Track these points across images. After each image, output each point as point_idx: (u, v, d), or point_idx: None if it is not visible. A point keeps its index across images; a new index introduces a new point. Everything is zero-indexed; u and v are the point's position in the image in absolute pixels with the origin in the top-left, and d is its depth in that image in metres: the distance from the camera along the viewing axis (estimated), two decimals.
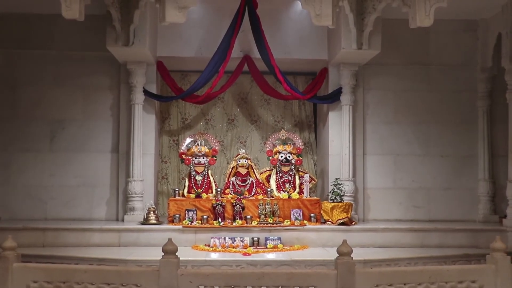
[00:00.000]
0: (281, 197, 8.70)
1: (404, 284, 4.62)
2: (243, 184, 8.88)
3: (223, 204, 8.39)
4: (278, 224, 8.22)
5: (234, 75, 9.30)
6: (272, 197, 8.67)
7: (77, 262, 6.87)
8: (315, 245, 8.09)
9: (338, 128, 9.24)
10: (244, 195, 8.70)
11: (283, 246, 7.89)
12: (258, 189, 8.84)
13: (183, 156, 9.00)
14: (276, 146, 9.13)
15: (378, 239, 8.23)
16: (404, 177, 9.51)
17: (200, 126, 10.14)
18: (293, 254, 7.52)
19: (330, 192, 8.76)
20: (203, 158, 8.91)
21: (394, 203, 9.45)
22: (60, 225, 8.32)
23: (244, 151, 9.34)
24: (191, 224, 8.19)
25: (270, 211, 8.40)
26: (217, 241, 7.84)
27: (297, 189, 8.87)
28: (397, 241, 8.23)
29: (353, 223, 8.55)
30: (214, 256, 7.35)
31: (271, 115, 10.28)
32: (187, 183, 8.88)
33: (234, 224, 8.20)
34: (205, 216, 8.25)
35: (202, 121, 10.21)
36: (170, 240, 4.69)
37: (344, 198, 8.69)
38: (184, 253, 6.14)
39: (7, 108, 9.17)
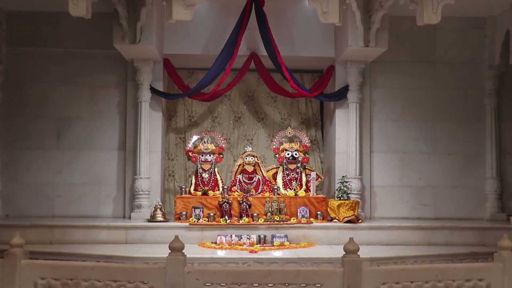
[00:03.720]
0: (287, 194, 8.69)
1: (411, 282, 4.60)
2: (250, 181, 8.87)
3: (230, 201, 8.39)
4: (285, 222, 8.22)
5: (241, 73, 9.29)
6: (279, 194, 8.67)
7: (84, 259, 6.90)
8: (321, 243, 8.09)
9: (344, 125, 9.23)
10: (251, 193, 8.70)
11: (290, 243, 7.90)
12: (265, 187, 8.83)
13: (190, 153, 9.01)
14: (282, 144, 9.11)
15: (384, 237, 8.21)
16: (411, 175, 9.48)
17: (206, 123, 10.15)
18: (299, 251, 7.52)
19: (337, 189, 8.74)
20: (210, 155, 8.91)
21: (401, 201, 9.42)
22: (67, 222, 8.34)
23: (250, 148, 9.34)
24: (197, 221, 8.19)
25: (277, 208, 8.40)
26: (223, 238, 7.85)
27: (304, 187, 8.86)
28: (404, 239, 8.21)
29: (360, 221, 8.53)
30: (220, 253, 7.36)
31: (277, 112, 10.28)
32: (193, 181, 8.89)
33: (240, 221, 8.19)
34: (211, 214, 8.26)
35: (208, 119, 10.21)
36: (176, 237, 4.69)
37: (351, 196, 8.68)
38: (191, 251, 6.15)
39: (14, 106, 9.20)
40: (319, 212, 8.50)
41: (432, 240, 8.19)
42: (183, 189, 8.79)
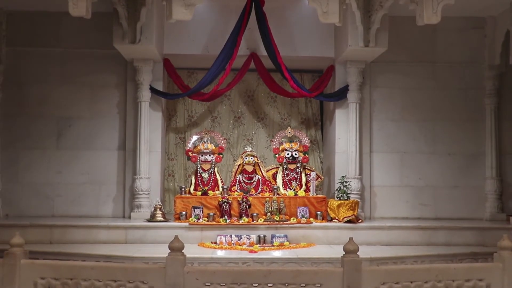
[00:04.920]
0: (287, 194, 8.68)
1: (411, 282, 4.61)
2: (250, 181, 8.87)
3: (230, 201, 8.39)
4: (285, 222, 8.22)
5: (241, 73, 9.29)
6: (279, 194, 8.67)
7: (84, 259, 6.90)
8: (321, 243, 8.09)
9: (344, 125, 9.23)
10: (251, 193, 8.70)
11: (290, 243, 7.90)
12: (265, 187, 8.83)
13: (190, 153, 9.01)
14: (282, 144, 9.11)
15: (384, 237, 8.21)
16: (411, 175, 9.48)
17: (206, 123, 10.15)
18: (299, 251, 7.52)
19: (337, 189, 8.74)
20: (210, 155, 8.91)
21: (401, 201, 9.43)
22: (67, 222, 8.34)
23: (250, 148, 9.34)
24: (197, 221, 8.19)
25: (277, 208, 8.40)
26: (223, 238, 7.85)
27: (304, 187, 8.86)
28: (404, 239, 8.21)
29: (360, 221, 8.53)
30: (220, 253, 7.35)
31: (277, 112, 10.28)
32: (193, 181, 8.89)
33: (240, 221, 8.20)
34: (211, 214, 8.26)
35: (208, 119, 10.21)
36: (176, 237, 4.70)
37: (351, 196, 8.68)
38: (191, 251, 6.14)
39: (15, 106, 9.19)
40: (319, 212, 8.50)
41: (432, 240, 8.19)
42: (183, 189, 8.79)
